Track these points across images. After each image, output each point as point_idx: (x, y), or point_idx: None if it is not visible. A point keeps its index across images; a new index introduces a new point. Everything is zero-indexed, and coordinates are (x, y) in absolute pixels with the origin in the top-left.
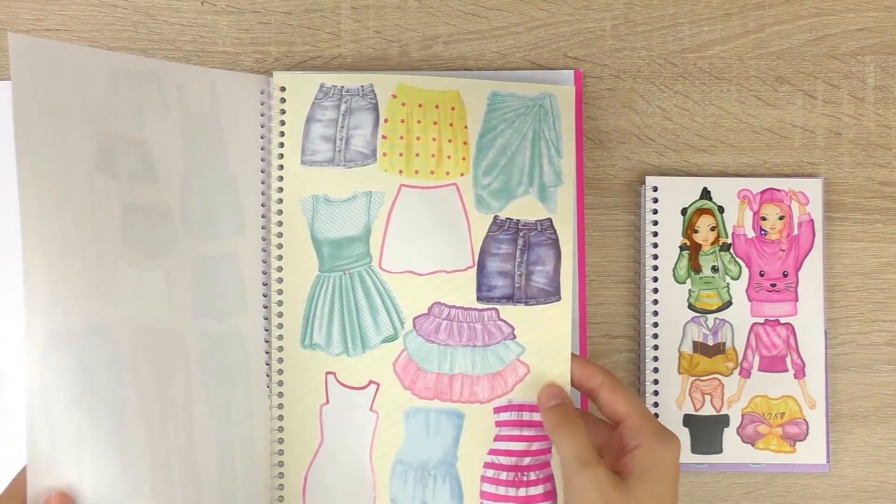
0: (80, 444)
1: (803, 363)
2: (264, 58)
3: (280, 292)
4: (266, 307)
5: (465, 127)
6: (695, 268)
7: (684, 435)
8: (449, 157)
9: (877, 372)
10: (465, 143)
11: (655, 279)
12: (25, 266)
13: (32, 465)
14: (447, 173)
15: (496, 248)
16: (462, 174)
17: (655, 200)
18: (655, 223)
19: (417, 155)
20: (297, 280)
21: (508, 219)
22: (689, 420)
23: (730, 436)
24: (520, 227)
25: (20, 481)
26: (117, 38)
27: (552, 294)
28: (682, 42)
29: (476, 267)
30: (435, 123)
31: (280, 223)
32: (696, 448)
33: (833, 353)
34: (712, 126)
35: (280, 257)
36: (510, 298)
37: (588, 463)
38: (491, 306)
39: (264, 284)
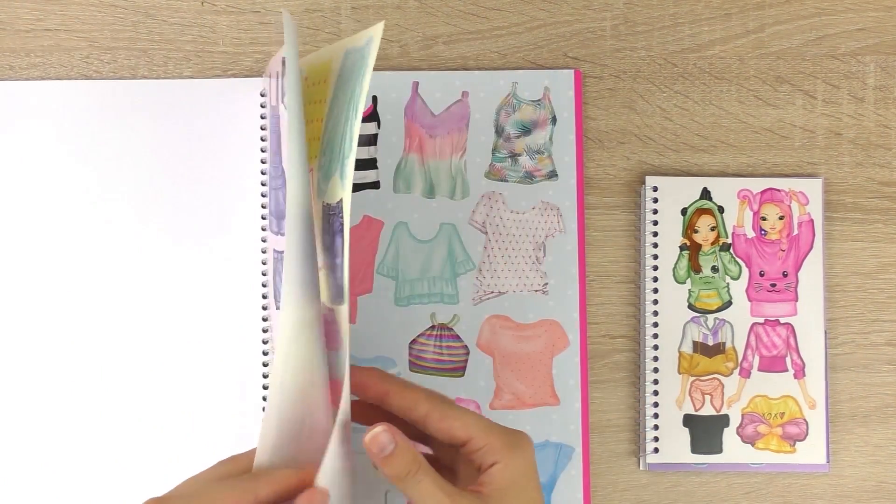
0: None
1: (803, 363)
2: (264, 58)
3: None
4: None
5: (323, 101)
6: (695, 268)
7: (684, 435)
8: (311, 141)
9: (877, 372)
10: (319, 120)
11: (655, 279)
12: (287, 258)
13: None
14: (312, 160)
15: (326, 242)
16: (315, 157)
17: (655, 200)
18: (655, 223)
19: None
20: None
21: (327, 204)
22: (689, 420)
23: (730, 436)
24: (331, 212)
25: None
26: (117, 38)
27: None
28: (682, 42)
29: (324, 267)
30: (316, 103)
31: None
32: (696, 448)
33: (833, 353)
34: (712, 126)
35: None
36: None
37: (452, 498)
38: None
39: None
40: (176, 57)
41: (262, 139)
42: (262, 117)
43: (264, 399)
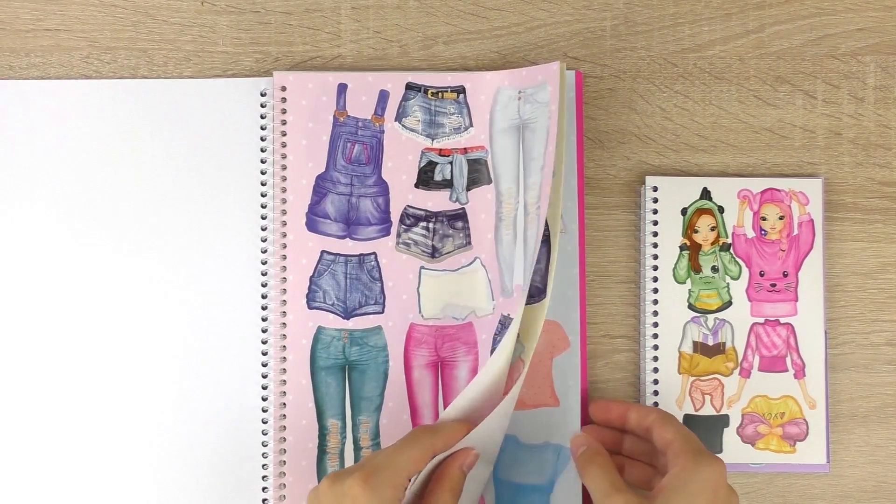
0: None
1: (803, 363)
2: (264, 58)
3: None
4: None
5: None
6: (695, 268)
7: None
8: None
9: (877, 372)
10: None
11: (655, 279)
12: None
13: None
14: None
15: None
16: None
17: (655, 200)
18: (655, 223)
19: None
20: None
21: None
22: (689, 420)
23: (730, 436)
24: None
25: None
26: (117, 38)
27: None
28: (682, 42)
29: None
30: None
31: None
32: None
33: (833, 353)
34: (712, 126)
35: None
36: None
37: (614, 490)
38: None
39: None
40: (176, 57)
41: (262, 139)
42: (262, 117)
43: (264, 399)
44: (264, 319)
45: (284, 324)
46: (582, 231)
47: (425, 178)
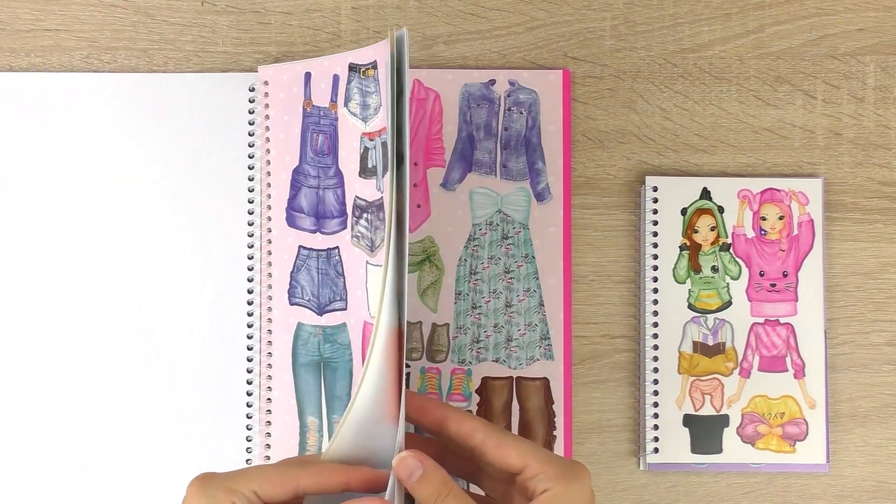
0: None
1: (803, 363)
2: (264, 58)
3: None
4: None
5: None
6: (695, 268)
7: (684, 435)
8: None
9: (877, 372)
10: None
11: (655, 279)
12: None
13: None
14: None
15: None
16: None
17: (655, 200)
18: (655, 223)
19: None
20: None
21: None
22: (689, 420)
23: (730, 436)
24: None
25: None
26: (117, 38)
27: None
28: (682, 42)
29: None
30: None
31: None
32: (696, 448)
33: (833, 353)
34: (712, 126)
35: None
36: None
37: None
38: None
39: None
40: (176, 57)
41: (250, 134)
42: (251, 112)
43: (249, 395)
44: (250, 315)
45: (270, 319)
46: (568, 230)
47: (363, 165)
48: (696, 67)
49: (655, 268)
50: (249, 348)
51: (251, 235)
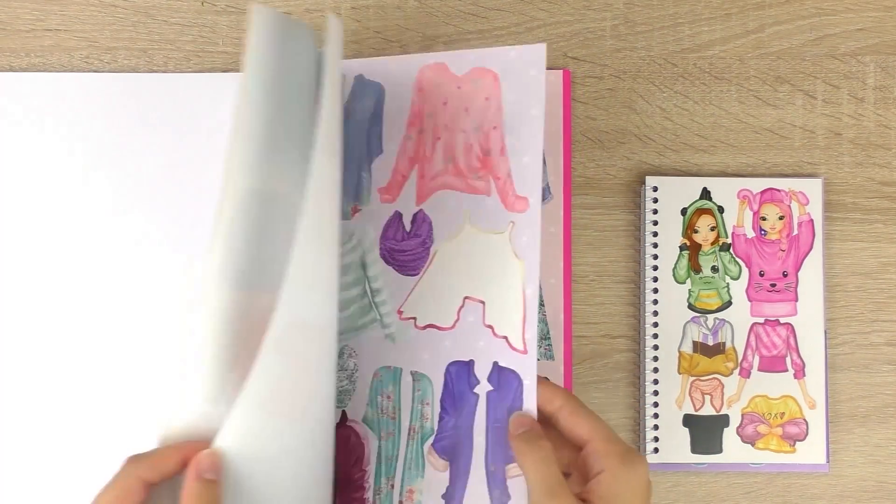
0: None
1: (803, 363)
2: None
3: None
4: None
5: None
6: (695, 268)
7: (684, 435)
8: None
9: (877, 372)
10: None
11: (655, 279)
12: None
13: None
14: None
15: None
16: None
17: (655, 200)
18: (655, 223)
19: None
20: None
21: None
22: (688, 420)
23: (730, 436)
24: None
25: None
26: (117, 38)
27: None
28: (682, 42)
29: None
30: None
31: None
32: (696, 448)
33: (833, 353)
34: (712, 126)
35: None
36: None
37: (554, 493)
38: None
39: None
40: (176, 57)
41: None
42: None
43: None
44: None
45: None
46: (568, 229)
47: None
48: (696, 67)
49: (655, 268)
50: None
51: None
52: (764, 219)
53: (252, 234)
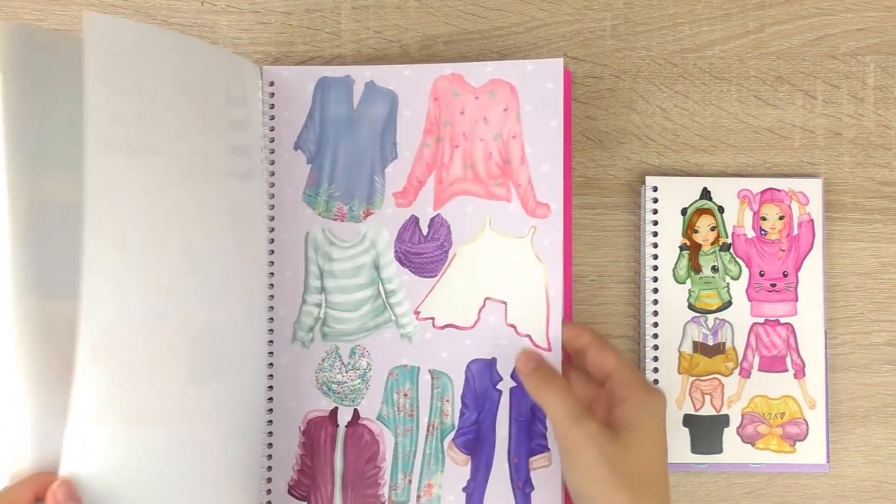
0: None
1: (803, 363)
2: (264, 58)
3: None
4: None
5: None
6: (695, 268)
7: (684, 435)
8: None
9: (877, 372)
10: None
11: (655, 279)
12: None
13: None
14: None
15: None
16: None
17: (655, 200)
18: (655, 223)
19: None
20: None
21: None
22: (689, 420)
23: (730, 436)
24: None
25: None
26: None
27: None
28: (682, 42)
29: None
30: None
31: None
32: (696, 448)
33: (833, 353)
34: (712, 126)
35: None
36: None
37: (579, 417)
38: None
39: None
40: None
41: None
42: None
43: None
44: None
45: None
46: (568, 230)
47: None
48: (696, 67)
49: (655, 268)
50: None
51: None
52: (764, 219)
53: (40, 242)
